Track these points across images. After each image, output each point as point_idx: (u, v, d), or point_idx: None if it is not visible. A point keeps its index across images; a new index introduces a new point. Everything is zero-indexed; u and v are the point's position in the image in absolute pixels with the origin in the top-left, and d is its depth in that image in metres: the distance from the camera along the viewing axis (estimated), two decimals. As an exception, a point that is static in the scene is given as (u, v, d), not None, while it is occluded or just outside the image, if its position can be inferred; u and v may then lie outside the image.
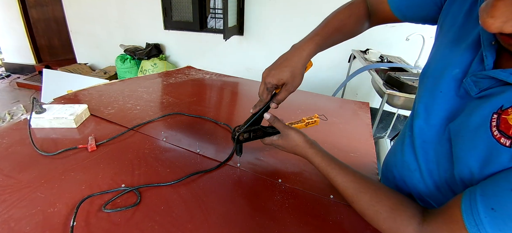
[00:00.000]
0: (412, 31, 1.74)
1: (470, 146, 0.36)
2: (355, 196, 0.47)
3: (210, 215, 0.49)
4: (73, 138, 0.69)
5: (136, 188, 0.53)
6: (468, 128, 0.37)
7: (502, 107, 0.33)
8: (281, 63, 0.53)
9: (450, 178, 0.40)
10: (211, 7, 2.94)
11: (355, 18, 0.59)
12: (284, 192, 0.56)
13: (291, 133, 0.57)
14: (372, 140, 0.82)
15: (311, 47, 0.54)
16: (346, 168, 0.51)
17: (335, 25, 0.57)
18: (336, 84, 2.35)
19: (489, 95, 0.36)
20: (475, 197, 0.33)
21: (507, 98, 0.33)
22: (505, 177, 0.31)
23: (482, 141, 0.34)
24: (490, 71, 0.35)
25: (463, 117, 0.38)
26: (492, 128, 0.33)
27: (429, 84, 0.45)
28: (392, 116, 2.42)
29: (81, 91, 0.98)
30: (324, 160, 0.53)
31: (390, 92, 1.45)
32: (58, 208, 0.47)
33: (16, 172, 0.55)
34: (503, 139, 0.32)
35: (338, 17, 0.59)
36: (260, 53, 2.92)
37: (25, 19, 3.61)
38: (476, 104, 0.37)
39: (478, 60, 0.38)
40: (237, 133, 0.58)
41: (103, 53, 3.60)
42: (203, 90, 1.16)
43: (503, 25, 0.28)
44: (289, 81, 0.53)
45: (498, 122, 0.33)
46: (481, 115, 0.35)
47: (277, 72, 0.52)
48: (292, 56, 0.53)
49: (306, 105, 1.04)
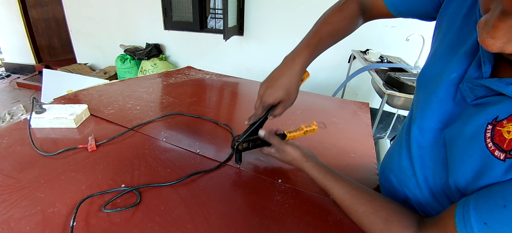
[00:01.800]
0: (412, 32, 1.74)
1: (464, 155, 0.36)
2: (351, 208, 0.48)
3: (210, 215, 0.49)
4: (73, 138, 0.69)
5: (136, 188, 0.53)
6: (463, 137, 0.36)
7: (497, 118, 0.32)
8: (276, 82, 0.54)
9: (446, 185, 0.40)
10: (211, 7, 2.94)
11: (348, 20, 0.57)
12: (284, 192, 0.56)
13: (287, 148, 0.57)
14: (372, 140, 0.82)
15: (303, 59, 0.54)
16: (342, 179, 0.51)
17: (327, 31, 0.56)
18: (336, 84, 2.35)
19: (485, 104, 0.35)
20: (468, 210, 0.32)
21: (503, 109, 0.32)
22: (498, 191, 0.31)
23: (476, 152, 0.34)
24: (486, 81, 0.34)
25: (459, 124, 0.38)
26: (486, 139, 0.33)
27: (426, 89, 0.45)
28: (392, 116, 2.42)
29: (81, 92, 0.98)
30: (320, 173, 0.53)
31: (390, 92, 1.45)
32: (58, 208, 0.47)
33: (16, 172, 0.55)
34: (497, 151, 0.31)
35: (330, 21, 0.57)
36: (260, 53, 2.92)
37: (25, 19, 3.61)
38: (471, 113, 0.36)
39: (475, 66, 0.37)
40: (237, 143, 0.59)
41: (103, 53, 3.60)
42: (203, 91, 1.16)
43: (504, 45, 0.27)
44: (285, 98, 0.54)
45: (493, 133, 0.32)
46: (476, 125, 0.35)
47: (273, 92, 0.54)
48: (286, 72, 0.54)
49: (305, 106, 1.04)
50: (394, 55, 2.26)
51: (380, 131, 2.55)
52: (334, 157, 0.72)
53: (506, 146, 0.31)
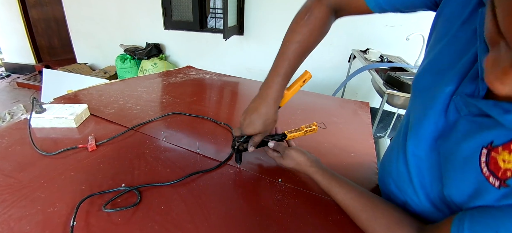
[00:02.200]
0: (412, 31, 1.74)
1: (458, 174, 0.35)
2: (355, 214, 0.48)
3: (210, 214, 0.49)
4: (73, 138, 0.69)
5: (136, 188, 0.53)
6: (457, 155, 0.36)
7: (493, 143, 0.31)
8: (253, 115, 0.56)
9: (443, 194, 0.39)
10: (211, 7, 2.94)
11: (318, 31, 0.55)
12: (285, 192, 0.56)
13: (292, 152, 0.58)
14: (372, 140, 0.82)
15: (276, 90, 0.55)
16: (346, 185, 0.51)
17: (297, 51, 0.54)
18: (336, 84, 2.35)
19: (480, 123, 0.34)
20: (463, 229, 0.32)
21: (498, 135, 0.31)
22: (491, 217, 0.31)
23: (471, 174, 0.33)
24: (482, 103, 0.33)
25: (453, 139, 0.37)
26: (481, 164, 0.32)
27: (421, 99, 0.44)
28: (392, 116, 2.42)
29: (81, 91, 0.98)
30: (324, 178, 0.53)
31: (390, 92, 1.45)
32: (58, 207, 0.47)
33: (16, 172, 0.55)
34: (492, 178, 0.31)
35: (298, 39, 0.54)
36: (260, 53, 2.92)
37: (25, 19, 3.61)
38: (466, 128, 0.35)
39: (470, 78, 0.35)
40: (237, 143, 0.59)
41: (103, 53, 3.60)
42: (203, 90, 1.16)
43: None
44: (262, 130, 0.57)
45: (488, 158, 0.32)
46: (471, 147, 0.34)
47: (251, 125, 0.56)
48: (262, 105, 0.55)
49: (305, 105, 1.04)
50: (394, 54, 2.26)
51: (380, 130, 2.54)
52: (334, 156, 0.72)
53: (501, 174, 0.30)
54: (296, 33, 0.55)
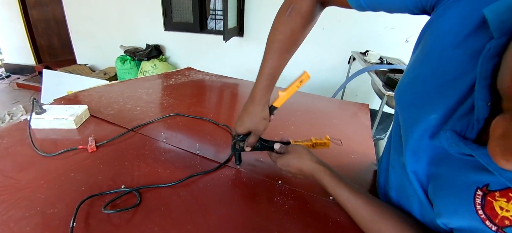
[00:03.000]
0: (411, 33, 1.75)
1: (452, 210, 0.34)
2: (363, 224, 0.47)
3: (210, 216, 0.49)
4: (73, 139, 0.69)
5: (136, 189, 0.53)
6: (450, 189, 0.34)
7: (488, 186, 0.30)
8: (244, 117, 0.57)
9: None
10: (211, 8, 2.95)
11: (301, 25, 0.54)
12: (284, 193, 0.56)
13: (296, 146, 0.57)
14: (371, 141, 0.83)
15: (260, 89, 0.56)
16: (354, 193, 0.49)
17: (281, 49, 0.54)
18: (335, 85, 2.35)
19: (473, 163, 0.31)
20: None
21: (495, 179, 0.29)
22: None
23: (466, 212, 0.32)
24: (476, 152, 0.29)
25: (445, 169, 0.35)
26: (476, 205, 0.31)
27: (406, 113, 0.42)
28: (392, 117, 2.42)
29: (81, 92, 0.98)
30: (332, 180, 0.51)
31: (389, 93, 1.45)
32: (58, 208, 0.47)
33: (16, 173, 0.55)
34: (489, 222, 0.30)
35: (280, 38, 0.54)
36: (260, 55, 2.86)
37: (25, 20, 3.62)
38: (457, 163, 0.33)
39: (462, 114, 0.32)
40: (237, 144, 0.59)
41: (103, 54, 3.60)
42: (203, 92, 1.16)
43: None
44: (252, 128, 0.57)
45: (483, 202, 0.30)
46: (464, 184, 0.32)
47: (241, 125, 0.58)
48: (249, 110, 0.57)
49: (305, 107, 1.04)
50: (393, 56, 2.27)
51: (380, 132, 2.55)
52: (334, 157, 0.72)
53: (498, 221, 0.29)
54: (277, 31, 0.55)
